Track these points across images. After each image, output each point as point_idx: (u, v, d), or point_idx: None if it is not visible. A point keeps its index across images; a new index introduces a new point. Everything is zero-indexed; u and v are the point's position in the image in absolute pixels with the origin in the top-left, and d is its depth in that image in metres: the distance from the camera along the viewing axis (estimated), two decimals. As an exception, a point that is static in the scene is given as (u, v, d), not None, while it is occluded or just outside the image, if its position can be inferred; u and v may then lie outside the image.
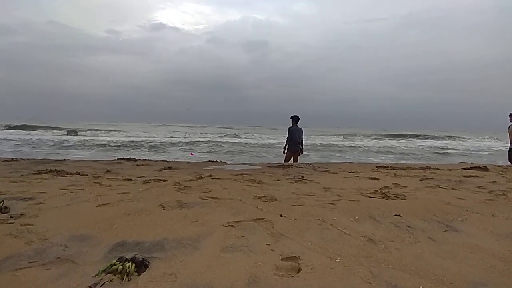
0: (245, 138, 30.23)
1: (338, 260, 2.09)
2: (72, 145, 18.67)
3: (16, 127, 32.09)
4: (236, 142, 24.31)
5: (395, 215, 3.15)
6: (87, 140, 22.41)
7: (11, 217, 2.85)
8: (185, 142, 22.58)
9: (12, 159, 8.02)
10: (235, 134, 34.59)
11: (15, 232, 2.48)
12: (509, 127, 9.51)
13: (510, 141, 9.59)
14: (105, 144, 19.85)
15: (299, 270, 1.95)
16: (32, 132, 29.48)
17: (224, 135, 32.51)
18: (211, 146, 20.70)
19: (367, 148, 22.44)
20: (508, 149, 9.80)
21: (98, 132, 32.61)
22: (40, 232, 2.51)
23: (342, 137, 34.49)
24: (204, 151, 17.98)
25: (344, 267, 1.99)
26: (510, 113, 9.39)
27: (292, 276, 1.88)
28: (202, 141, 23.82)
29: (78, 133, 30.05)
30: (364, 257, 2.16)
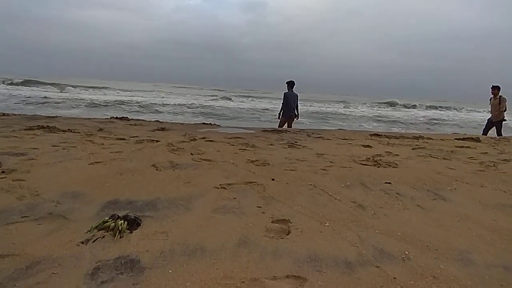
0: (239, 102, 29.95)
1: (327, 224, 2.13)
2: (62, 102, 18.39)
3: (3, 81, 31.34)
4: (230, 106, 24.11)
5: (386, 182, 3.19)
6: (77, 97, 22.05)
7: (3, 172, 2.84)
8: (179, 104, 22.26)
9: (3, 113, 7.90)
10: (229, 97, 34.25)
11: (7, 187, 2.48)
12: (490, 99, 9.62)
13: (491, 113, 9.69)
14: (96, 102, 19.57)
15: (288, 233, 1.98)
16: (22, 87, 28.90)
17: (218, 98, 32.19)
18: (205, 108, 20.53)
19: (362, 116, 22.46)
20: (486, 120, 9.94)
21: (90, 89, 32.06)
22: (32, 187, 2.51)
23: (342, 105, 33.97)
24: (197, 113, 17.86)
25: (332, 231, 2.03)
26: (492, 85, 9.47)
27: (281, 238, 1.92)
28: (195, 104, 23.58)
29: (69, 89, 29.46)
30: (353, 222, 2.20)
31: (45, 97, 20.06)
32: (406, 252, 1.81)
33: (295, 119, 9.22)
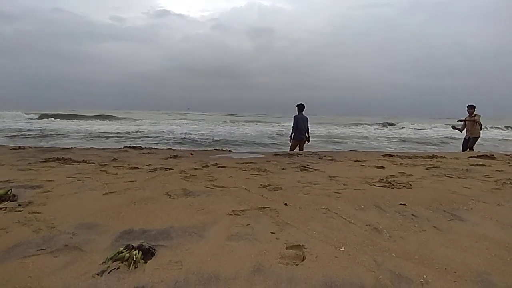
0: (250, 125, 30.13)
1: (343, 249, 2.10)
2: (75, 133, 18.75)
3: (24, 115, 32.31)
4: (240, 130, 24.24)
5: (400, 204, 3.15)
6: (91, 128, 22.50)
7: (19, 205, 2.89)
8: (189, 132, 22.37)
9: (19, 147, 8.09)
10: (240, 121, 34.53)
11: (23, 220, 2.52)
12: (465, 118, 9.79)
13: (466, 131, 9.87)
14: (109, 132, 19.91)
15: (303, 259, 1.96)
16: (38, 120, 29.69)
17: (229, 123, 32.47)
18: (216, 134, 20.68)
19: (373, 136, 22.31)
20: (463, 139, 10.13)
21: (103, 119, 32.77)
22: (48, 220, 2.54)
23: (352, 125, 33.87)
24: (209, 139, 17.97)
25: (348, 256, 2.00)
26: (468, 105, 9.53)
27: (296, 265, 1.89)
28: (206, 129, 23.79)
29: (81, 120, 30.20)
30: (369, 246, 2.17)
31: (57, 129, 20.52)
32: (424, 276, 1.77)
33: (306, 142, 9.23)
